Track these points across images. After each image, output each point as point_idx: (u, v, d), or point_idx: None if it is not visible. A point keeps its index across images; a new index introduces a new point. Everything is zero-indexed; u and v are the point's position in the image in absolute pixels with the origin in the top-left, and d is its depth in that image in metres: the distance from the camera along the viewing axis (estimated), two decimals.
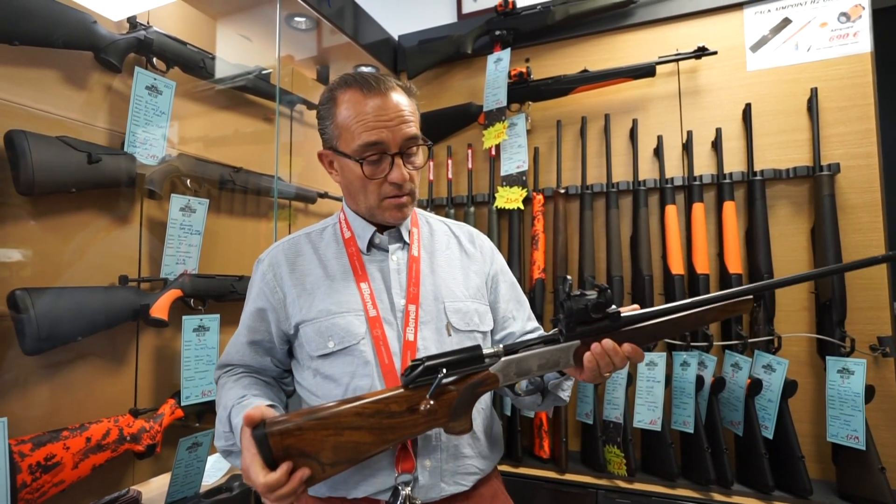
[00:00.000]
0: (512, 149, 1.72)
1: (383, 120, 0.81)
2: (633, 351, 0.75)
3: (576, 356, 0.76)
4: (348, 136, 0.83)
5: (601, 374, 0.75)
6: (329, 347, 0.82)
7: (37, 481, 0.95)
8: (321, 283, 0.87)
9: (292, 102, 1.79)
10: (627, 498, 1.36)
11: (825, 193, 1.35)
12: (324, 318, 0.84)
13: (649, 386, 1.41)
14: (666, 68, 1.59)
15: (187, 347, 1.24)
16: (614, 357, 0.74)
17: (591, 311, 0.74)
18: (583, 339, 0.75)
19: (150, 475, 1.26)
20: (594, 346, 0.74)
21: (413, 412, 0.71)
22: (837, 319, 1.31)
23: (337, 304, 0.84)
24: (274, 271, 0.90)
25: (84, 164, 1.07)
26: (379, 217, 0.88)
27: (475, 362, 0.74)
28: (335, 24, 1.67)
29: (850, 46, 1.41)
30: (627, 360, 0.75)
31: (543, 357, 0.76)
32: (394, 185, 0.84)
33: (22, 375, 1.01)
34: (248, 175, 1.52)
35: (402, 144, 0.83)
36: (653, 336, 0.77)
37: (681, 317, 0.77)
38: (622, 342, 0.75)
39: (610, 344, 0.74)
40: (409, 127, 0.83)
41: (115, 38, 1.17)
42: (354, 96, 0.83)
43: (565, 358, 0.76)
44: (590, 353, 0.74)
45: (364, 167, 0.82)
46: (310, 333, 0.84)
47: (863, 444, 1.21)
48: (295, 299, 0.87)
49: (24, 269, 1.03)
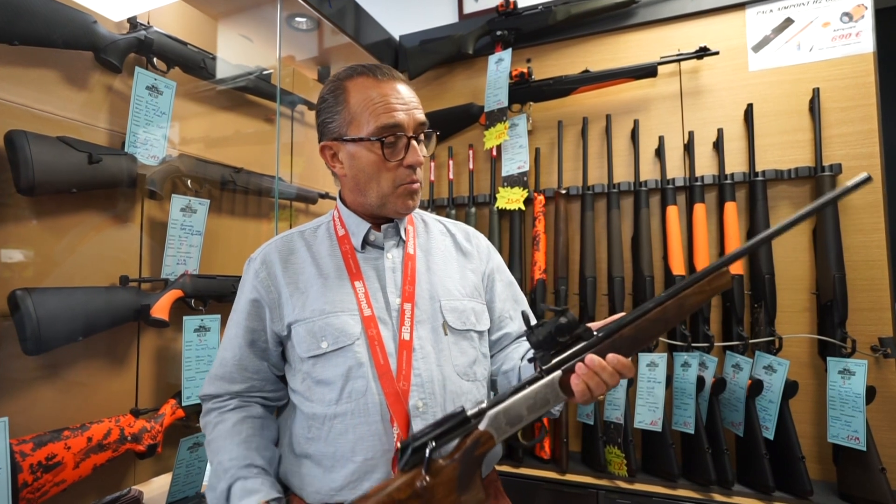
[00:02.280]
0: (513, 149, 1.72)
1: (399, 103, 0.82)
2: (620, 363, 0.70)
3: (563, 387, 0.72)
4: (363, 120, 0.82)
5: (594, 395, 0.71)
6: (322, 348, 0.80)
7: (38, 481, 0.95)
8: (314, 281, 0.85)
9: (293, 103, 1.79)
10: (628, 498, 1.36)
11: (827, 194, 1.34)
12: (317, 318, 0.82)
13: (650, 386, 1.41)
14: (667, 68, 1.59)
15: (188, 348, 1.24)
16: (602, 373, 0.70)
17: (556, 335, 0.70)
18: (562, 368, 0.72)
19: (151, 475, 1.26)
20: (578, 366, 0.71)
21: (419, 497, 0.68)
22: (838, 320, 1.30)
23: (331, 303, 0.83)
24: (267, 269, 0.88)
25: (84, 164, 1.07)
26: (390, 206, 0.86)
27: (462, 426, 0.71)
28: (336, 25, 1.67)
29: (852, 46, 1.40)
30: (618, 375, 0.71)
31: (530, 399, 0.71)
32: (409, 170, 0.83)
33: (23, 375, 1.01)
34: (249, 175, 1.52)
35: (415, 129, 0.84)
36: (637, 341, 0.73)
37: (658, 311, 0.73)
38: (604, 356, 0.71)
39: (593, 360, 0.70)
40: (421, 113, 0.85)
41: (116, 38, 1.16)
42: (367, 82, 0.83)
43: (553, 393, 0.72)
44: (575, 376, 0.70)
45: (383, 149, 0.81)
46: (301, 333, 0.82)
47: (863, 445, 1.20)
48: (288, 298, 0.85)
49: (25, 269, 1.03)
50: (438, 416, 0.80)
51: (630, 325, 0.72)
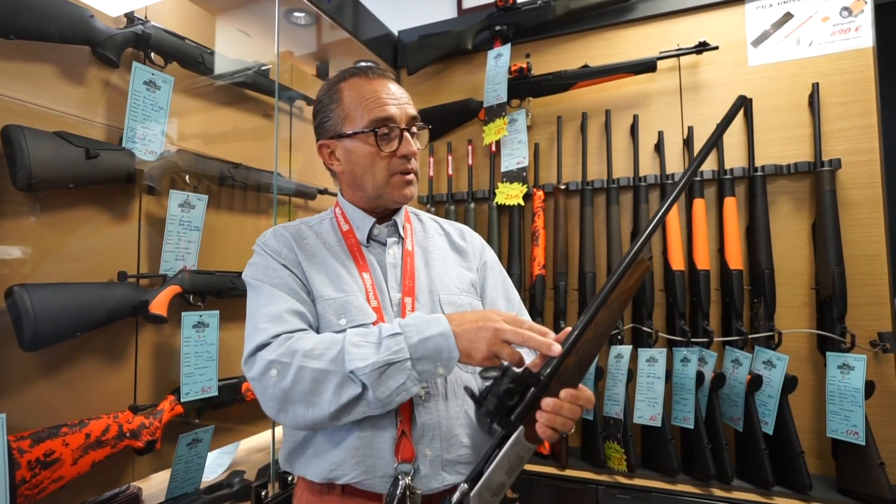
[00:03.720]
0: (512, 145, 1.72)
1: (390, 98, 0.87)
2: (573, 396, 0.68)
3: (531, 438, 0.70)
4: (357, 115, 0.86)
5: (563, 431, 0.70)
6: (341, 325, 0.81)
7: (36, 477, 0.95)
8: (329, 262, 0.87)
9: (292, 98, 1.78)
10: (628, 493, 1.36)
11: (826, 189, 1.34)
12: (338, 296, 0.83)
13: (649, 382, 1.41)
14: (667, 63, 1.58)
15: (187, 344, 1.23)
16: (561, 412, 0.68)
17: (505, 401, 0.68)
18: (523, 422, 0.69)
19: (149, 471, 1.26)
20: (538, 414, 0.69)
21: None
22: (838, 315, 1.30)
23: (348, 284, 0.84)
24: (286, 244, 0.87)
25: (82, 159, 1.06)
26: (386, 197, 0.88)
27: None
28: (335, 20, 1.66)
29: (851, 41, 1.40)
30: (578, 407, 0.69)
31: (504, 464, 0.69)
32: (403, 159, 0.86)
33: (20, 372, 1.00)
34: (248, 171, 1.51)
35: (408, 122, 0.87)
36: (582, 365, 0.71)
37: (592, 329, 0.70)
38: (557, 394, 0.69)
39: (549, 403, 0.68)
40: (412, 108, 0.89)
41: (113, 33, 1.16)
42: (359, 81, 0.88)
43: (523, 448, 0.70)
44: (539, 424, 0.69)
45: (377, 140, 0.85)
46: (319, 311, 0.83)
47: (862, 440, 1.21)
48: (308, 273, 0.85)
49: (22, 265, 1.02)
50: (440, 404, 0.81)
51: (570, 355, 0.70)
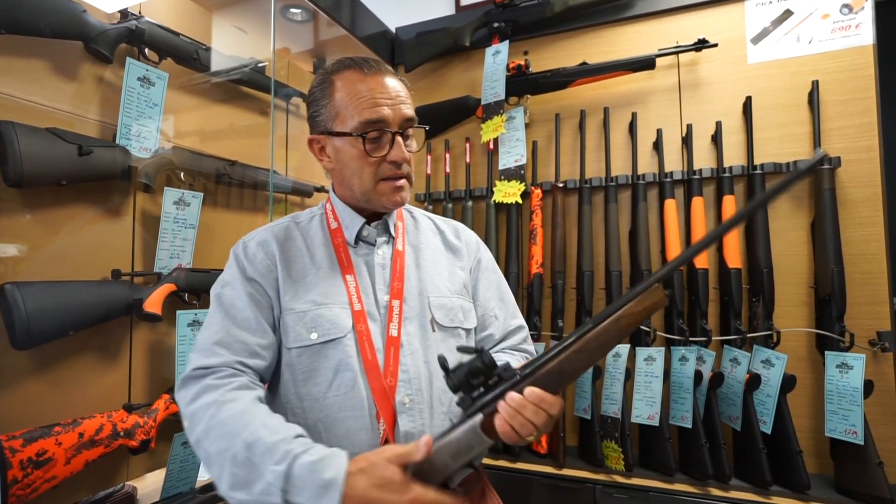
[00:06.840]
0: (510, 142, 1.71)
1: (384, 98, 0.81)
2: (537, 396, 0.65)
3: (487, 430, 0.67)
4: (347, 114, 0.81)
5: (521, 436, 0.66)
6: (311, 339, 0.78)
7: (28, 477, 0.94)
8: (308, 271, 0.84)
9: (288, 95, 1.77)
10: (625, 493, 1.36)
11: (826, 187, 1.34)
12: (310, 309, 0.80)
13: (647, 381, 1.40)
14: (665, 61, 1.57)
15: (182, 342, 1.22)
16: (523, 411, 0.65)
17: (470, 378, 0.66)
18: (483, 410, 0.67)
19: (144, 471, 1.25)
20: (499, 405, 0.66)
21: None
22: (837, 314, 1.30)
23: (323, 294, 0.81)
24: (265, 250, 0.85)
25: (75, 156, 1.05)
26: (375, 202, 0.84)
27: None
28: (331, 16, 1.65)
29: (851, 39, 1.39)
30: (542, 412, 0.66)
31: (452, 445, 0.66)
32: (392, 165, 0.82)
33: (12, 370, 1.00)
34: (244, 168, 1.50)
35: (401, 124, 0.82)
36: (563, 374, 0.68)
37: (581, 343, 0.68)
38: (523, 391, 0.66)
39: (513, 397, 0.66)
40: (408, 108, 0.83)
41: (106, 28, 1.14)
42: (354, 75, 0.82)
43: (476, 438, 0.67)
44: (499, 416, 0.66)
45: (365, 144, 0.80)
46: (289, 323, 0.80)
47: (861, 439, 1.20)
48: (283, 283, 0.83)
49: (15, 263, 1.01)
50: (425, 412, 0.79)
51: (554, 361, 0.68)
